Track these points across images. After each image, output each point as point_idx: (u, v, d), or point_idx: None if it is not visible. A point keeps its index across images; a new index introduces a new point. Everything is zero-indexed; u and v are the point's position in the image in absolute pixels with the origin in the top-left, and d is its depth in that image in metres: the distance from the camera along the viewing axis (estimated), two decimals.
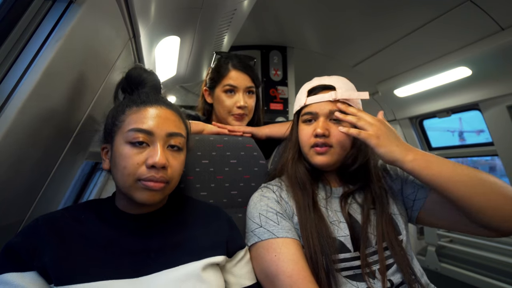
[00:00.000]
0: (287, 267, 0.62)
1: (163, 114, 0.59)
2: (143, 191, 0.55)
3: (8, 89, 0.58)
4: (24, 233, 0.53)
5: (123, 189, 0.57)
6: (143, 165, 0.55)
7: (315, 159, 0.73)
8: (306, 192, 0.73)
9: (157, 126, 0.57)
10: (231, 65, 1.04)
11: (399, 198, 0.79)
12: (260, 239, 0.67)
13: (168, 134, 0.58)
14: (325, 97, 0.74)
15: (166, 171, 0.56)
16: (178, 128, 0.61)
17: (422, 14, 1.67)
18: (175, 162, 0.59)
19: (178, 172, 0.60)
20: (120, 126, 0.59)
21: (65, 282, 0.48)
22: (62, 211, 0.60)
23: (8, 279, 0.47)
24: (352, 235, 0.69)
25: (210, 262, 0.59)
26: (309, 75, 0.90)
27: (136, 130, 0.56)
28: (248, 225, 0.73)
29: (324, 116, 0.74)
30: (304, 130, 0.76)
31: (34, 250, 0.50)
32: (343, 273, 0.65)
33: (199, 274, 0.56)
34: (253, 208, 0.73)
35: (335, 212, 0.73)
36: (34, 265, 0.49)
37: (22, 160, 0.68)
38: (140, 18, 0.98)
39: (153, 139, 0.57)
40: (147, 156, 0.55)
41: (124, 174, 0.55)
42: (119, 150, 0.57)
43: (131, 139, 0.56)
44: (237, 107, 1.02)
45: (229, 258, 0.64)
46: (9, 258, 0.49)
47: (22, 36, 0.62)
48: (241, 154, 0.91)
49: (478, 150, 2.20)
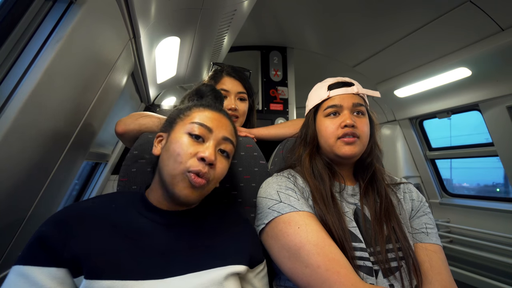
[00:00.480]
0: (312, 236, 0.62)
1: (223, 120, 0.66)
2: (185, 185, 0.57)
3: (8, 89, 0.58)
4: (56, 223, 0.53)
5: (168, 177, 0.58)
6: (194, 157, 0.58)
7: (344, 149, 0.74)
8: (324, 183, 0.74)
9: (217, 127, 0.63)
10: (225, 73, 1.11)
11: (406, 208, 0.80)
12: (281, 213, 0.67)
13: (224, 137, 0.63)
14: (349, 90, 0.77)
15: (211, 170, 0.60)
16: (232, 136, 0.66)
17: (422, 15, 1.67)
18: (221, 165, 0.62)
19: (220, 176, 0.63)
20: (183, 118, 0.64)
21: (95, 276, 0.49)
22: (92, 200, 0.61)
23: (28, 272, 0.48)
24: (361, 228, 0.70)
25: (234, 270, 0.59)
26: (309, 76, 0.90)
27: (198, 124, 0.61)
28: (263, 203, 0.72)
29: (348, 109, 0.76)
30: (328, 123, 0.78)
31: (66, 240, 0.51)
32: (356, 261, 0.65)
33: (221, 282, 0.57)
34: (269, 188, 0.74)
35: (346, 205, 0.74)
36: (64, 257, 0.50)
37: (22, 160, 0.68)
38: (140, 19, 0.99)
39: (209, 137, 0.62)
40: (200, 149, 0.59)
41: (176, 161, 0.58)
42: (176, 138, 0.61)
43: (191, 131, 0.60)
44: (228, 109, 1.06)
45: (250, 269, 0.65)
46: (38, 249, 0.50)
47: (22, 36, 0.62)
48: (241, 154, 0.91)
49: (478, 150, 2.21)
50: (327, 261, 0.58)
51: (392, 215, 0.72)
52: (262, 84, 2.45)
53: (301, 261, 0.61)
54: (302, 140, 0.85)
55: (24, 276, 0.48)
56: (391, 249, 0.68)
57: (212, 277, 0.56)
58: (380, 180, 0.78)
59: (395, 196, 0.79)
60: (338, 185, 0.78)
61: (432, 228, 0.76)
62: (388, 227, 0.70)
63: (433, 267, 0.68)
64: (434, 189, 2.58)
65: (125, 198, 0.64)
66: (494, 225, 2.07)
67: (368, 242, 0.68)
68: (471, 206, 2.26)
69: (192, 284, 0.54)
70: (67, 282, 0.50)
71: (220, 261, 0.59)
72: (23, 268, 0.48)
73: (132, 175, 0.77)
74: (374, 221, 0.71)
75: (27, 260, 0.49)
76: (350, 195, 0.77)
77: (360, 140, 0.74)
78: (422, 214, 0.78)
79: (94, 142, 1.26)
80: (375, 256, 0.66)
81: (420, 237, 0.74)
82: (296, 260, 0.62)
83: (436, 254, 0.71)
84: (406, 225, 0.75)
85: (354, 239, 0.67)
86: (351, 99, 0.76)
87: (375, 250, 0.67)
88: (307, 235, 0.62)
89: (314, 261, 0.59)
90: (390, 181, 0.84)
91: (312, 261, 0.59)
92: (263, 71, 2.45)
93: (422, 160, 2.62)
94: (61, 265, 0.50)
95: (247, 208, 0.89)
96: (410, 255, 0.68)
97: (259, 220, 0.72)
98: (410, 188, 0.83)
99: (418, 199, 0.81)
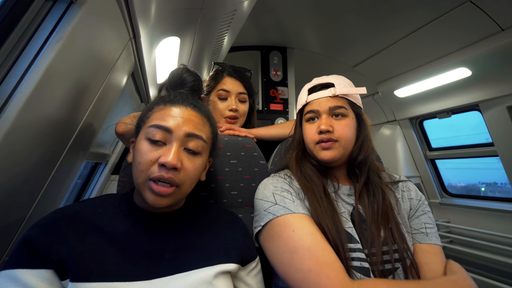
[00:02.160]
0: (306, 240, 0.62)
1: (186, 115, 0.59)
2: (150, 192, 0.55)
3: (8, 89, 0.58)
4: (42, 226, 0.52)
5: (136, 186, 0.57)
6: (155, 163, 0.55)
7: (321, 155, 0.75)
8: (315, 184, 0.74)
9: (177, 125, 0.57)
10: (226, 73, 1.11)
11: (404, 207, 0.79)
12: (276, 215, 0.67)
13: (187, 134, 0.57)
14: (325, 93, 0.77)
15: (177, 173, 0.55)
16: (200, 130, 0.60)
17: (422, 15, 1.67)
18: (190, 165, 0.58)
19: (192, 176, 0.59)
20: (145, 121, 0.60)
21: (81, 279, 0.48)
22: (80, 204, 0.60)
23: (18, 275, 0.47)
24: (357, 229, 0.69)
25: (223, 269, 0.59)
26: (309, 76, 0.90)
27: (155, 127, 0.56)
28: (259, 205, 0.72)
29: (325, 113, 0.76)
30: (308, 129, 0.78)
31: (52, 244, 0.50)
32: (352, 262, 0.65)
33: (211, 281, 0.56)
34: (265, 189, 0.74)
35: (342, 205, 0.74)
36: (51, 259, 0.49)
37: (23, 160, 0.68)
38: (140, 19, 0.99)
39: (170, 138, 0.56)
40: (161, 154, 0.55)
41: (138, 170, 0.55)
42: (138, 145, 0.58)
43: (150, 136, 0.56)
44: (228, 110, 1.06)
45: (242, 266, 0.64)
46: (25, 252, 0.49)
47: (22, 36, 0.62)
48: (241, 154, 0.91)
49: (478, 150, 2.20)
50: (318, 266, 0.58)
51: (390, 217, 0.72)
52: (262, 84, 2.45)
53: (294, 265, 0.61)
54: (292, 142, 0.86)
55: (14, 279, 0.47)
56: (387, 251, 0.68)
57: (201, 276, 0.56)
58: (377, 180, 0.77)
59: (393, 195, 0.79)
60: (332, 185, 0.78)
61: (431, 228, 0.75)
62: (385, 229, 0.70)
63: (432, 269, 0.68)
64: (434, 189, 2.58)
65: (113, 201, 0.63)
66: (494, 225, 2.07)
67: (364, 243, 0.68)
68: (471, 206, 2.26)
69: (181, 285, 0.54)
70: (56, 284, 0.50)
71: (209, 261, 0.59)
72: (12, 272, 0.47)
73: (132, 175, 0.77)
74: (371, 223, 0.70)
75: (16, 264, 0.48)
76: (346, 195, 0.77)
77: (338, 143, 0.74)
78: (421, 213, 0.78)
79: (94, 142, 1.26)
80: (371, 257, 0.66)
81: (419, 237, 0.74)
82: (289, 264, 0.62)
83: (435, 256, 0.71)
84: (404, 225, 0.75)
85: (350, 240, 0.67)
86: (328, 102, 0.76)
87: (370, 252, 0.66)
88: (300, 239, 0.62)
89: (306, 266, 0.59)
90: (389, 178, 0.83)
91: (304, 266, 0.59)
92: (263, 71, 2.45)
93: (422, 160, 2.62)
94: (48, 267, 0.49)
95: (247, 208, 0.89)
96: (407, 256, 0.67)
97: (256, 222, 0.72)
98: (409, 187, 0.83)
99: (417, 198, 0.80)
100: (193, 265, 0.57)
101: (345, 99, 0.77)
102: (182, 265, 0.57)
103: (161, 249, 0.57)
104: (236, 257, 0.62)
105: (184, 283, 0.54)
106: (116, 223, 0.58)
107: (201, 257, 0.59)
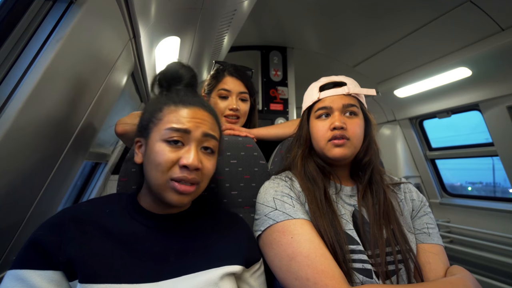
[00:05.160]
0: (304, 247, 0.62)
1: (200, 115, 0.60)
2: (173, 192, 0.56)
3: (8, 89, 0.58)
4: (51, 226, 0.53)
5: (154, 186, 0.57)
6: (176, 165, 0.56)
7: (333, 152, 0.74)
8: (317, 186, 0.74)
9: (194, 126, 0.58)
10: (227, 72, 1.10)
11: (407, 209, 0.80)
12: (275, 221, 0.67)
13: (204, 134, 0.59)
14: (338, 91, 0.77)
15: (198, 173, 0.57)
16: (213, 130, 0.61)
17: (422, 15, 1.67)
18: (209, 164, 0.60)
19: (209, 174, 0.61)
20: (156, 123, 0.59)
21: (90, 280, 0.48)
22: (88, 204, 0.61)
23: (25, 276, 0.47)
24: (359, 230, 0.69)
25: (229, 271, 0.59)
26: (309, 76, 0.90)
27: (173, 130, 0.56)
28: (260, 210, 0.72)
29: (338, 111, 0.75)
30: (319, 126, 0.77)
31: (60, 244, 0.50)
32: (353, 264, 0.65)
33: (217, 283, 0.56)
34: (266, 194, 0.74)
35: (344, 206, 0.74)
36: (59, 260, 0.49)
37: (23, 160, 0.68)
38: (140, 19, 0.99)
39: (188, 138, 0.57)
40: (181, 156, 0.56)
41: (158, 171, 0.56)
42: (154, 147, 0.57)
43: (167, 138, 0.56)
44: (229, 109, 1.06)
45: (246, 268, 0.64)
46: (33, 253, 0.49)
47: (22, 36, 0.62)
48: (241, 154, 0.91)
49: (478, 150, 2.20)
50: (316, 274, 0.58)
51: (392, 218, 0.72)
52: (262, 84, 2.45)
53: (292, 272, 0.61)
54: (296, 141, 0.85)
55: (21, 280, 0.47)
56: (390, 252, 0.68)
57: (207, 278, 0.56)
58: (379, 181, 0.77)
59: (395, 197, 0.79)
60: (334, 186, 0.78)
61: (433, 228, 0.76)
62: (387, 230, 0.70)
63: (434, 269, 0.68)
64: (434, 189, 2.58)
65: (120, 201, 0.64)
66: (494, 225, 2.08)
67: (366, 244, 0.68)
68: (471, 206, 2.26)
69: (187, 286, 0.54)
70: (64, 285, 0.50)
71: (214, 262, 0.59)
72: (19, 272, 0.48)
73: (132, 175, 0.77)
74: (373, 224, 0.70)
75: (23, 264, 0.48)
76: (348, 196, 0.77)
77: (350, 142, 0.73)
78: (423, 214, 0.78)
79: (94, 142, 1.26)
80: (373, 259, 0.66)
81: (422, 237, 0.74)
82: (287, 271, 0.62)
83: (437, 256, 0.71)
84: (408, 226, 0.75)
85: (351, 241, 0.67)
86: (341, 100, 0.76)
87: (374, 253, 0.66)
88: (298, 246, 0.62)
89: (304, 274, 0.59)
90: (390, 181, 0.84)
91: (302, 274, 0.59)
92: (263, 71, 2.45)
93: (422, 160, 2.62)
94: (56, 268, 0.49)
95: (247, 208, 0.89)
96: (410, 257, 0.67)
97: (257, 226, 0.72)
98: (410, 188, 0.83)
99: (419, 199, 0.81)
100: (199, 267, 0.57)
101: (356, 98, 0.78)
102: (190, 266, 0.57)
103: (167, 251, 0.58)
104: (241, 259, 0.63)
105: (190, 285, 0.54)
106: (123, 224, 0.58)
107: (207, 258, 0.59)
